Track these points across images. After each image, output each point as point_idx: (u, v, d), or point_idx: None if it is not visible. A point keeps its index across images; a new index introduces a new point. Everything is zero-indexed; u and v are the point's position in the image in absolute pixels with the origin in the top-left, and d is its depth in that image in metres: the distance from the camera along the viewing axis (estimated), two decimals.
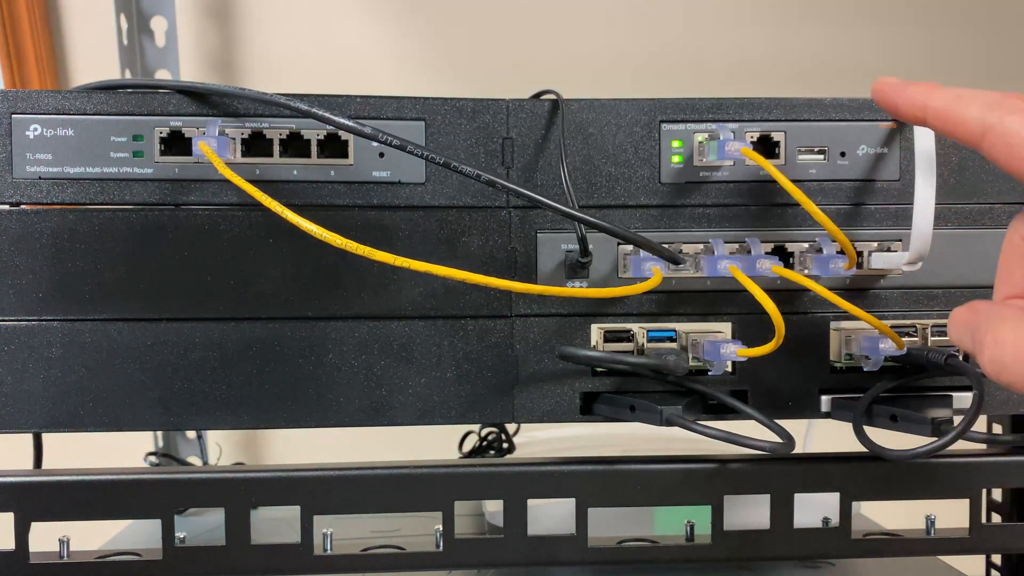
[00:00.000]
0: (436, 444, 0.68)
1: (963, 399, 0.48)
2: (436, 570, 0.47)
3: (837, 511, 0.48)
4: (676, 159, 0.47)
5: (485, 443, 0.76)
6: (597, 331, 0.47)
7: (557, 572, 0.55)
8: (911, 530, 0.50)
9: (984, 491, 0.51)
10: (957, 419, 0.44)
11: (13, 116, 0.44)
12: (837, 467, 0.48)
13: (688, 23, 1.00)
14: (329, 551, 0.47)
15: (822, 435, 0.61)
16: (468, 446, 0.77)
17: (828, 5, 1.00)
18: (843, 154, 0.48)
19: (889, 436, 0.45)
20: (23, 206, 0.45)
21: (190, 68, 0.97)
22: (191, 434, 0.93)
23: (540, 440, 0.80)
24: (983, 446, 0.47)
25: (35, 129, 0.45)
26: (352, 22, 0.98)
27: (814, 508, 0.53)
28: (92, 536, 0.55)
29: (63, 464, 0.48)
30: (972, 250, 0.48)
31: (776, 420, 0.46)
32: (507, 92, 0.47)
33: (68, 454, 0.50)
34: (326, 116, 0.43)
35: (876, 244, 0.48)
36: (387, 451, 0.59)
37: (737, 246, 0.47)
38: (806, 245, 0.47)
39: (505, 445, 0.76)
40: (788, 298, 0.47)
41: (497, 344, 0.47)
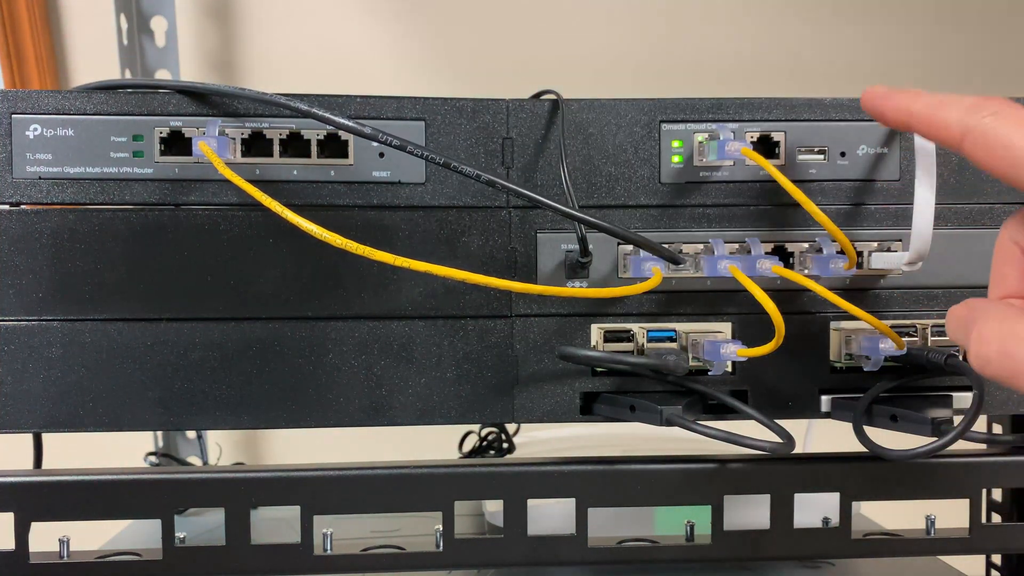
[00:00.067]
0: (436, 444, 0.68)
1: (963, 399, 0.48)
2: (436, 570, 0.47)
3: (837, 511, 0.48)
4: (676, 159, 0.47)
5: (485, 443, 0.76)
6: (597, 331, 0.47)
7: (557, 572, 0.55)
8: (911, 530, 0.50)
9: (984, 491, 0.51)
10: (957, 419, 0.44)
11: (13, 116, 0.44)
12: (837, 467, 0.48)
13: (688, 23, 1.00)
14: (329, 551, 0.47)
15: (822, 435, 0.61)
16: (468, 446, 0.77)
17: (829, 5, 1.00)
18: (843, 154, 0.48)
19: (889, 436, 0.45)
20: (23, 206, 0.45)
21: (190, 68, 0.97)
22: (191, 434, 0.93)
23: (540, 440, 0.80)
24: (983, 446, 0.47)
25: (35, 129, 0.45)
26: (352, 22, 0.98)
27: (814, 508, 0.53)
28: (92, 536, 0.54)
29: (63, 464, 0.48)
30: (972, 250, 0.48)
31: (776, 420, 0.46)
32: (507, 92, 0.47)
33: (68, 454, 0.50)
34: (326, 116, 0.43)
35: (876, 244, 0.48)
36: (387, 451, 0.59)
37: (737, 246, 0.47)
38: (806, 245, 0.47)
39: (505, 445, 0.76)
40: (788, 298, 0.47)
41: (497, 344, 0.47)
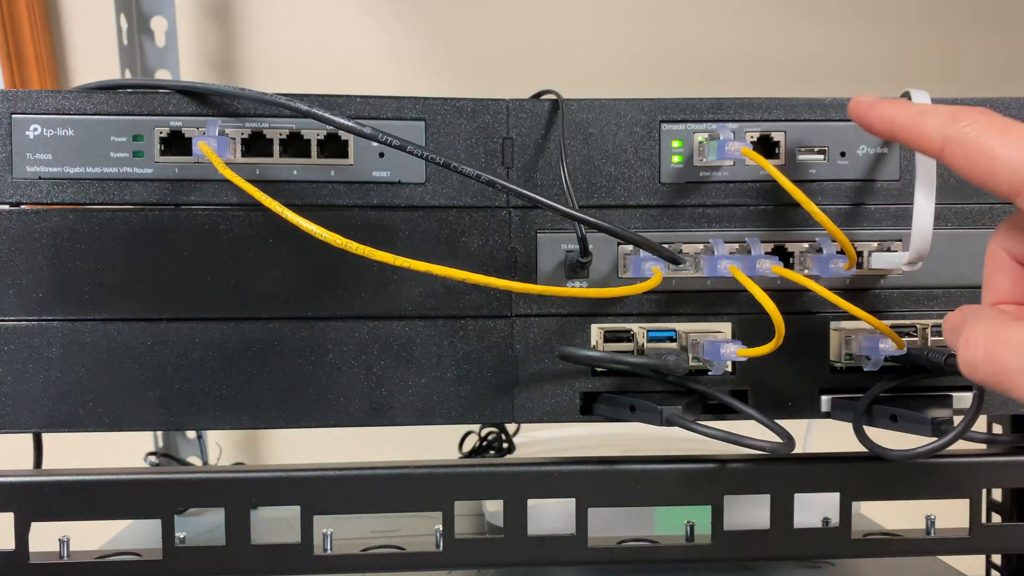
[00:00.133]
0: (436, 444, 0.68)
1: (963, 399, 0.48)
2: (436, 570, 0.47)
3: (837, 511, 0.48)
4: (676, 159, 0.47)
5: (485, 443, 0.76)
6: (597, 331, 0.47)
7: (557, 572, 0.55)
8: (911, 530, 0.50)
9: (984, 491, 0.51)
10: (957, 419, 0.44)
11: (13, 116, 0.44)
12: (837, 467, 0.48)
13: (689, 23, 1.00)
14: (329, 551, 0.47)
15: (822, 435, 0.61)
16: (468, 446, 0.77)
17: (829, 4, 1.00)
18: (843, 154, 0.48)
19: (889, 436, 0.45)
20: (23, 206, 0.45)
21: (190, 68, 0.97)
22: (191, 434, 0.93)
23: (540, 440, 0.80)
24: (983, 446, 0.47)
25: (35, 129, 0.45)
26: (352, 22, 0.98)
27: (814, 508, 0.53)
28: (92, 536, 0.54)
29: (63, 464, 0.48)
30: (972, 250, 0.48)
31: (776, 420, 0.46)
32: (507, 92, 0.47)
33: (68, 454, 0.50)
34: (326, 116, 0.43)
35: (876, 244, 0.48)
36: (387, 451, 0.59)
37: (737, 246, 0.47)
38: (806, 245, 0.47)
39: (505, 445, 0.76)
40: (788, 298, 0.47)
41: (497, 344, 0.47)
